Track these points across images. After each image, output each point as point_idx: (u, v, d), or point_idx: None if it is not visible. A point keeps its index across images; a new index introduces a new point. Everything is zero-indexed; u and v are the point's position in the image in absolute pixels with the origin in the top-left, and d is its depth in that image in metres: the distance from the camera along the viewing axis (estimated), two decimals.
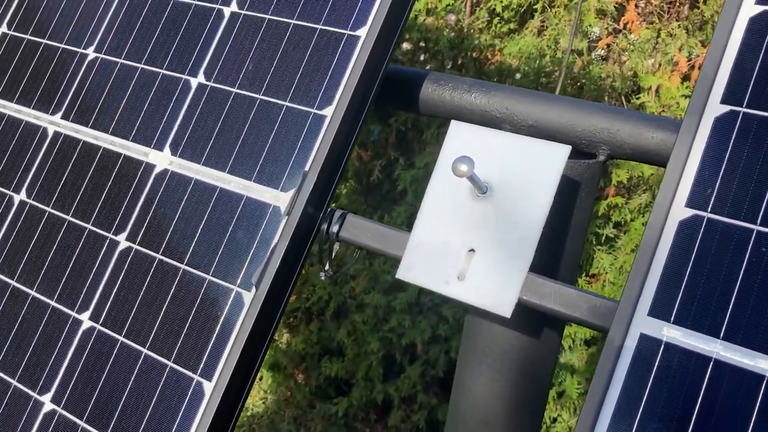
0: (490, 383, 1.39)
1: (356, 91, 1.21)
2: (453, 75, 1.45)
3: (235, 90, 1.31)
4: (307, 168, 1.20)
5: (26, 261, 1.38)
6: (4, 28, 1.61)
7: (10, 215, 1.43)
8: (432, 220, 1.15)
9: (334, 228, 1.22)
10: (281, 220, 1.19)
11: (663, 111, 2.94)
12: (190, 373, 1.16)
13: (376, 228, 1.21)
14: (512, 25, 3.38)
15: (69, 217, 1.37)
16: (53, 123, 1.46)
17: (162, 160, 1.32)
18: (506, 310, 1.07)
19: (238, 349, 1.14)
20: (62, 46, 1.51)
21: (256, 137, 1.26)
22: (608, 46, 3.32)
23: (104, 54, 1.46)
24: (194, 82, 1.35)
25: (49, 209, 1.40)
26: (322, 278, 1.26)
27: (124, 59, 1.43)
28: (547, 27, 3.27)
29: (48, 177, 1.42)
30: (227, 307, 1.18)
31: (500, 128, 1.26)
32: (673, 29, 3.18)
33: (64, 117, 1.45)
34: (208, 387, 1.14)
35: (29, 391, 1.28)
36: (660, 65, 3.17)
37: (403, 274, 1.15)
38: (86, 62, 1.47)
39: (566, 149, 1.10)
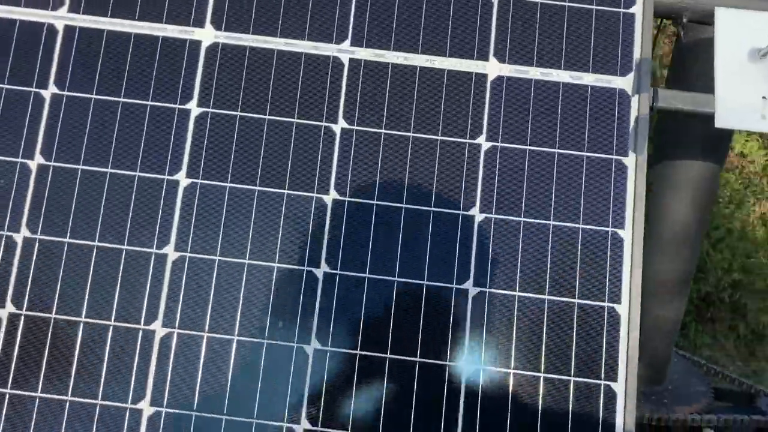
0: (690, 206, 1.88)
1: None
2: None
3: (539, 1, 1.54)
4: (637, 56, 1.52)
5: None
6: None
7: (338, 140, 1.49)
8: (727, 81, 1.58)
9: (653, 101, 1.57)
10: (632, 98, 1.51)
11: None
12: (603, 227, 1.46)
13: (683, 94, 1.59)
14: None
15: (412, 134, 1.49)
16: (342, 51, 1.52)
17: (493, 68, 1.52)
18: None
19: (641, 209, 1.46)
20: None
21: (578, 40, 1.53)
22: None
23: None
24: (495, 1, 1.54)
25: (382, 130, 1.49)
26: None
27: None
28: None
29: (363, 102, 1.50)
30: (612, 175, 1.48)
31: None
32: None
33: (355, 45, 1.52)
34: (625, 235, 1.45)
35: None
36: None
37: (720, 123, 1.56)
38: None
39: None
